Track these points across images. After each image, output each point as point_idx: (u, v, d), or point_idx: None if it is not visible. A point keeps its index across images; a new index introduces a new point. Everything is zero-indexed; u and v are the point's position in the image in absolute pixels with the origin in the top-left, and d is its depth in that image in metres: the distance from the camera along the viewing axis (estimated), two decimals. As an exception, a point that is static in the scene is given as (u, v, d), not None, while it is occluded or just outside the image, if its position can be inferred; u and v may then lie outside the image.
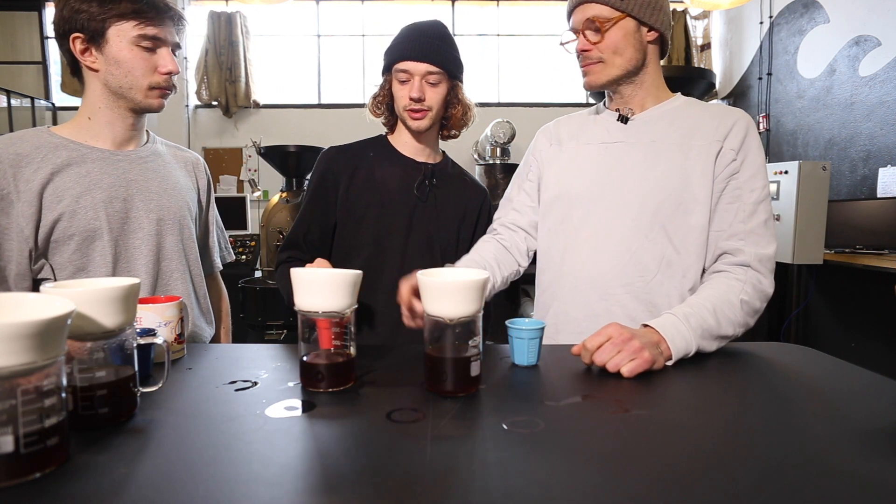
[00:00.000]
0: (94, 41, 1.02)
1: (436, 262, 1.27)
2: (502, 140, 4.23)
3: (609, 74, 1.07)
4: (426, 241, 1.27)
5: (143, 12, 1.01)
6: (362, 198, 1.25)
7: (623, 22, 1.03)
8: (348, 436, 0.61)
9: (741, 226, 1.01)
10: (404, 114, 1.22)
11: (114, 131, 1.10)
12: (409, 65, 1.18)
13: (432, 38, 1.19)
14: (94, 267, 1.06)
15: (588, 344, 0.84)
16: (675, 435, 0.63)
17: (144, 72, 1.04)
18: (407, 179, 1.28)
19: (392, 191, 1.26)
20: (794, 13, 4.07)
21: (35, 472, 0.50)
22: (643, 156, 1.07)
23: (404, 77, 1.19)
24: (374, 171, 1.27)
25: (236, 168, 5.20)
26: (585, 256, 1.09)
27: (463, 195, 1.34)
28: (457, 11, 5.34)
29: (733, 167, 1.03)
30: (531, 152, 1.26)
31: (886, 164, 3.24)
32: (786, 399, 0.76)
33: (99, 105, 1.08)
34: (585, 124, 1.18)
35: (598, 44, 1.04)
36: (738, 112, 1.07)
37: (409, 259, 1.25)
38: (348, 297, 0.76)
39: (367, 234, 1.24)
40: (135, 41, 1.02)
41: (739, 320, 0.97)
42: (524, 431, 0.63)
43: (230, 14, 4.98)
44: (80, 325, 0.60)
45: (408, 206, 1.26)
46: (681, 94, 1.14)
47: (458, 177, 1.36)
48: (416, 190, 1.27)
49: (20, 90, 4.83)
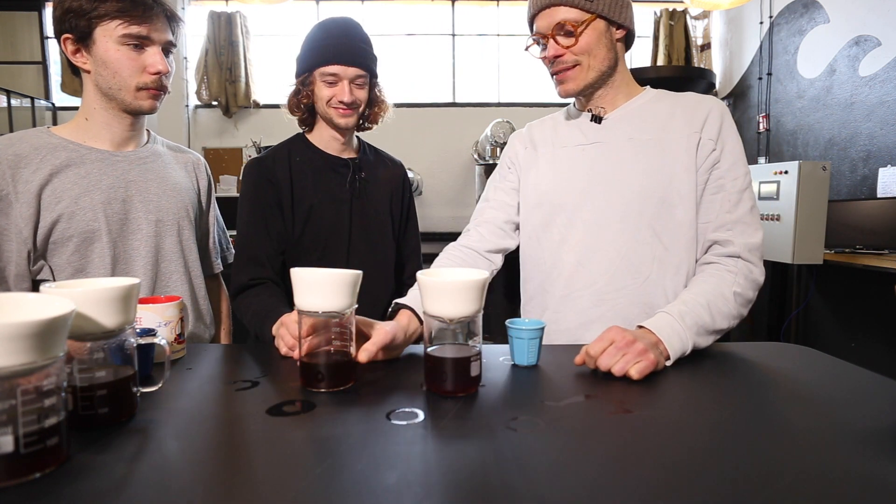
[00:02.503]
0: (83, 41, 1.01)
1: (378, 251, 1.31)
2: (502, 140, 4.23)
3: (587, 78, 1.05)
4: (366, 234, 1.30)
5: (128, 11, 0.99)
6: (303, 203, 1.25)
7: (594, 23, 1.02)
8: (348, 436, 0.61)
9: (728, 216, 1.01)
10: (330, 111, 1.22)
11: (111, 132, 1.09)
12: (337, 69, 1.19)
13: (356, 41, 1.21)
14: (92, 268, 1.05)
15: (591, 350, 0.83)
16: (675, 435, 0.63)
17: (132, 72, 1.02)
18: (338, 177, 1.29)
19: (327, 192, 1.27)
20: (794, 13, 4.07)
21: (35, 472, 0.50)
22: (621, 156, 1.06)
23: (332, 80, 1.20)
24: (306, 175, 1.27)
25: (236, 168, 5.20)
26: (575, 263, 1.08)
27: (385, 177, 1.37)
28: (457, 11, 5.33)
29: (714, 157, 1.02)
30: (507, 157, 1.24)
31: (886, 164, 3.24)
32: (786, 399, 0.76)
33: (94, 106, 1.07)
34: (559, 127, 1.17)
35: (572, 47, 1.03)
36: (711, 100, 1.07)
37: (355, 255, 1.27)
38: (348, 297, 0.76)
39: (311, 239, 1.25)
40: (121, 40, 1.00)
41: (733, 313, 0.97)
42: (524, 431, 0.63)
43: (230, 14, 4.98)
44: (80, 325, 0.60)
45: (344, 204, 1.28)
46: (650, 88, 1.13)
47: (378, 161, 1.39)
48: (349, 186, 1.29)
49: (20, 90, 4.82)
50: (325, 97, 1.22)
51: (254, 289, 1.18)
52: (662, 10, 5.13)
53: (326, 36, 1.20)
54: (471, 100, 5.33)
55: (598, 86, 1.08)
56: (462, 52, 5.37)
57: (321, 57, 1.19)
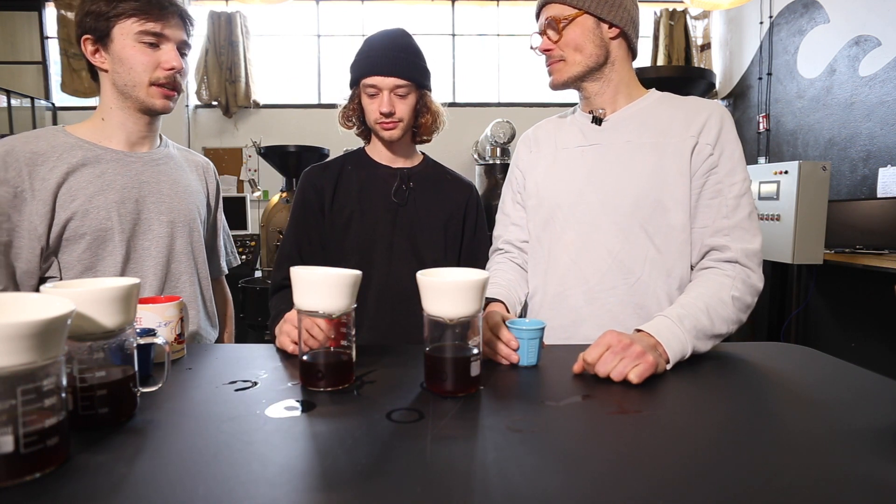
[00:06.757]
0: (101, 41, 1.04)
1: (427, 262, 1.26)
2: (502, 140, 4.24)
3: (571, 72, 1.07)
4: (410, 246, 1.27)
5: (144, 9, 1.02)
6: (344, 209, 1.26)
7: (581, 19, 1.04)
8: (348, 436, 0.61)
9: (725, 221, 1.01)
10: (376, 126, 1.24)
11: (127, 132, 1.11)
12: (376, 80, 1.18)
13: (398, 51, 1.20)
14: (103, 267, 1.06)
15: (588, 357, 0.82)
16: (675, 435, 0.63)
17: (146, 67, 1.05)
18: (385, 186, 1.28)
19: (371, 199, 1.27)
20: (794, 13, 4.07)
21: (35, 472, 0.50)
22: (618, 157, 1.07)
23: (373, 91, 1.20)
24: (353, 182, 1.28)
25: (236, 168, 5.21)
26: (569, 262, 1.09)
27: (445, 195, 1.33)
28: (457, 11, 5.34)
29: (711, 162, 1.02)
30: (514, 162, 1.27)
31: (886, 164, 3.24)
32: (785, 399, 0.76)
33: (111, 105, 1.09)
34: (562, 128, 1.19)
35: (558, 42, 1.06)
36: (712, 105, 1.07)
37: (396, 266, 1.25)
38: (348, 297, 0.76)
39: (351, 245, 1.25)
40: (137, 38, 1.03)
41: (732, 317, 0.96)
42: (524, 431, 0.63)
43: (230, 14, 4.98)
44: (80, 325, 0.60)
45: (389, 213, 1.27)
46: (655, 90, 1.13)
47: (439, 177, 1.36)
48: (394, 196, 1.28)
49: (20, 90, 4.83)
50: (370, 110, 1.23)
51: (287, 289, 1.20)
52: (662, 10, 5.13)
53: (369, 48, 1.21)
54: (471, 100, 5.33)
55: (584, 80, 1.09)
56: (462, 52, 5.38)
57: (362, 69, 1.20)
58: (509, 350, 0.88)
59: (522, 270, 1.22)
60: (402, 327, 1.22)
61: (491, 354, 0.89)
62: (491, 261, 1.27)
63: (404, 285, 1.18)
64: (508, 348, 0.88)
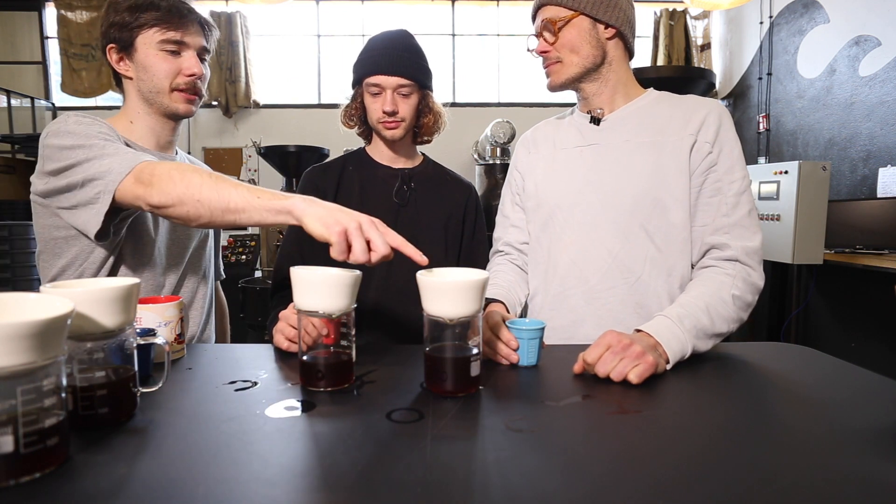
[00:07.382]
0: (125, 51, 1.07)
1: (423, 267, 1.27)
2: (502, 140, 4.23)
3: (568, 73, 1.08)
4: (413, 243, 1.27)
5: (165, 19, 1.05)
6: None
7: (576, 20, 1.04)
8: (348, 436, 0.61)
9: (725, 219, 1.01)
10: (378, 125, 1.24)
11: (156, 136, 1.13)
12: (380, 79, 1.19)
13: (401, 51, 1.20)
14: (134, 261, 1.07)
15: (587, 357, 0.82)
16: (675, 435, 0.63)
17: (168, 73, 1.07)
18: (386, 187, 1.29)
19: (372, 199, 1.27)
20: (794, 13, 4.07)
21: (35, 472, 0.50)
22: (617, 157, 1.07)
23: (376, 90, 1.20)
24: (354, 182, 1.29)
25: (236, 168, 5.20)
26: (569, 262, 1.09)
27: (445, 195, 1.34)
28: (457, 11, 5.34)
29: (710, 160, 1.02)
30: (513, 164, 1.27)
31: (886, 164, 3.24)
32: (785, 399, 0.76)
33: (138, 111, 1.12)
34: (560, 128, 1.19)
35: (555, 44, 1.06)
36: (711, 103, 1.07)
37: (396, 266, 1.24)
38: (348, 297, 0.76)
39: None
40: (159, 46, 1.06)
41: (733, 316, 0.96)
42: (524, 431, 0.63)
43: (230, 14, 4.98)
44: (80, 325, 0.60)
45: (390, 213, 1.27)
46: (653, 90, 1.14)
47: (439, 177, 1.36)
48: (395, 196, 1.28)
49: (20, 90, 4.83)
50: (372, 109, 1.23)
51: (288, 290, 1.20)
52: (662, 10, 5.13)
53: (371, 48, 1.22)
54: (471, 100, 5.33)
55: (582, 81, 1.09)
56: (462, 52, 5.38)
57: (366, 68, 1.21)
58: (509, 350, 0.88)
59: (522, 272, 1.22)
60: (402, 327, 1.22)
61: (491, 354, 0.89)
62: (491, 262, 1.27)
63: (404, 285, 1.18)
64: (508, 348, 0.88)
